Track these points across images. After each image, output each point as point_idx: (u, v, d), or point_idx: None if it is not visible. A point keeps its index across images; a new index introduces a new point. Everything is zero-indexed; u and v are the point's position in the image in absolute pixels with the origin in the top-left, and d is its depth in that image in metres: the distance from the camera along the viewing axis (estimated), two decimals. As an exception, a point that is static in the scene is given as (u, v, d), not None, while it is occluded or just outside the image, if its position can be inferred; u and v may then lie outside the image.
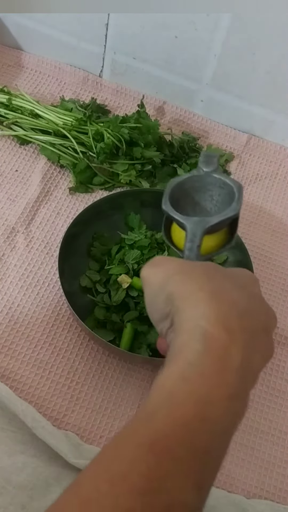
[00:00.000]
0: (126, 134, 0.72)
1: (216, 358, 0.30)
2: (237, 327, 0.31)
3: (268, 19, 0.68)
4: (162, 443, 0.28)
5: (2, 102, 0.74)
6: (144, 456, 0.27)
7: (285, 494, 0.57)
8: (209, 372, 0.30)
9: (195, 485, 0.28)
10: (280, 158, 0.83)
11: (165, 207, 0.44)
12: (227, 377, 0.30)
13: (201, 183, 0.46)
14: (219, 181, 0.45)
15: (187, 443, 0.28)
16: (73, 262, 0.63)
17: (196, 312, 0.32)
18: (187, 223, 0.42)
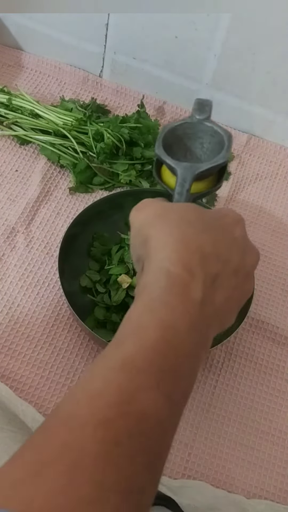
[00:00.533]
0: (126, 134, 0.72)
1: (178, 292, 0.34)
2: (198, 269, 0.34)
3: (268, 19, 0.68)
4: (131, 363, 0.31)
5: (2, 102, 0.74)
6: (116, 375, 0.30)
7: (285, 494, 0.57)
8: (172, 303, 0.33)
9: (165, 398, 0.30)
10: (280, 158, 0.83)
11: (157, 151, 0.45)
12: (189, 308, 0.33)
13: (193, 130, 0.47)
14: (211, 129, 0.46)
15: (154, 362, 0.31)
16: (73, 262, 0.63)
17: (162, 255, 0.35)
18: (178, 168, 0.43)
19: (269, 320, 0.67)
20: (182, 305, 0.33)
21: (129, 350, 0.31)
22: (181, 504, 0.52)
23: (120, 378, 0.30)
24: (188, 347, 0.33)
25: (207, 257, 0.35)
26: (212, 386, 0.62)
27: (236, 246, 0.39)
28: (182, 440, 0.59)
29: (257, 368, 0.64)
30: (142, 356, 0.31)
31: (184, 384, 0.33)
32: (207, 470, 0.57)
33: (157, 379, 0.30)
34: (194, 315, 0.33)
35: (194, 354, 0.33)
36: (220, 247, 0.37)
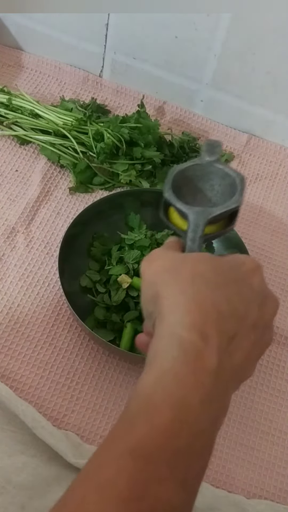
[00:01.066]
0: (126, 134, 0.72)
1: (190, 362, 0.31)
2: (213, 332, 0.32)
3: (268, 19, 0.68)
4: (142, 450, 0.28)
5: (2, 102, 0.74)
6: (127, 464, 0.28)
7: (285, 494, 0.57)
8: (184, 376, 0.31)
9: (179, 485, 0.28)
10: (280, 158, 0.83)
11: (167, 195, 0.43)
12: (202, 380, 0.31)
13: (203, 172, 0.46)
14: (221, 171, 0.45)
15: (166, 447, 0.29)
16: (73, 262, 0.63)
17: (174, 318, 0.33)
18: (190, 213, 0.41)
19: (269, 320, 0.67)
20: (195, 377, 0.31)
21: (140, 433, 0.29)
22: (181, 504, 0.52)
23: (131, 467, 0.28)
24: (203, 423, 0.30)
25: (222, 317, 0.33)
26: (212, 386, 0.62)
27: (254, 298, 0.36)
28: (182, 440, 0.58)
29: (257, 368, 0.64)
30: (154, 441, 0.29)
31: (200, 461, 0.31)
32: (207, 470, 0.57)
33: (171, 465, 0.28)
34: (209, 385, 0.31)
35: (210, 427, 0.31)
36: (237, 302, 0.34)
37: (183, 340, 0.32)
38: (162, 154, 0.74)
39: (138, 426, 0.30)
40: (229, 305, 0.34)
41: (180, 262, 0.37)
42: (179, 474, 0.29)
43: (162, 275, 0.36)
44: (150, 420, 0.29)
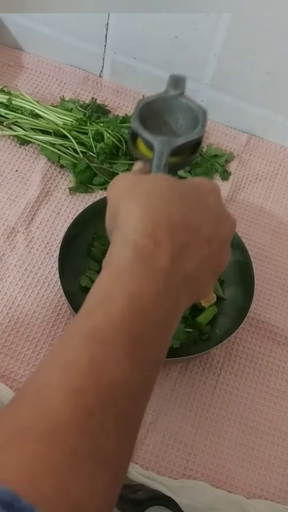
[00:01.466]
0: (126, 134, 0.72)
1: (144, 261, 0.34)
2: (164, 239, 0.35)
3: (268, 19, 0.68)
4: (100, 332, 0.31)
5: (2, 102, 0.74)
6: (87, 346, 0.31)
7: (285, 494, 0.57)
8: (139, 272, 0.34)
9: (135, 366, 0.31)
10: (280, 158, 0.83)
11: (134, 124, 0.45)
12: (155, 277, 0.34)
13: (168, 105, 0.47)
14: (185, 105, 0.47)
15: (123, 331, 0.31)
16: (73, 262, 0.63)
17: (128, 227, 0.36)
18: (155, 141, 0.43)
19: (269, 320, 0.67)
20: (149, 274, 0.34)
21: (98, 320, 0.32)
22: (181, 504, 0.53)
23: (91, 348, 0.31)
24: (156, 315, 0.33)
25: (175, 227, 0.36)
26: (212, 386, 0.62)
27: (209, 215, 0.39)
28: (182, 440, 0.59)
29: (257, 368, 0.64)
30: (110, 326, 0.31)
31: (155, 351, 0.33)
32: (207, 470, 0.57)
33: (126, 348, 0.31)
34: (162, 283, 0.34)
35: (163, 321, 0.34)
36: (191, 216, 0.37)
37: (136, 243, 0.35)
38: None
39: (96, 314, 0.32)
40: (183, 219, 0.36)
41: (140, 181, 0.40)
42: (135, 356, 0.31)
43: (123, 193, 0.39)
44: (107, 308, 0.32)
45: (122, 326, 0.32)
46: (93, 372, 0.30)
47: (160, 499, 0.53)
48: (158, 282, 0.34)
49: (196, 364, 0.63)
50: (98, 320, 0.32)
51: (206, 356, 0.64)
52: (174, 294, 0.35)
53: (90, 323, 0.32)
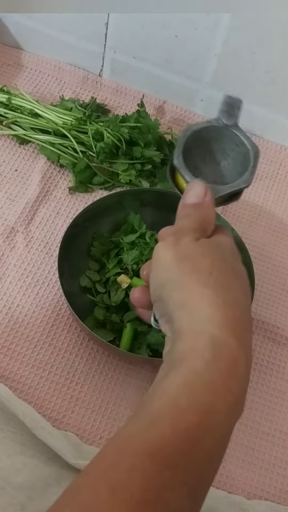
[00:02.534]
0: (126, 133, 0.72)
1: (225, 367, 0.30)
2: (242, 331, 0.30)
3: (268, 19, 0.68)
4: (162, 452, 0.27)
5: (2, 101, 0.74)
6: (144, 465, 0.27)
7: (285, 494, 0.57)
8: (216, 382, 0.29)
9: (190, 494, 0.27)
10: (281, 158, 0.82)
11: (177, 163, 0.41)
12: (232, 387, 0.29)
13: (217, 134, 0.43)
14: (237, 138, 0.42)
15: (188, 453, 0.27)
16: (72, 262, 0.63)
17: (202, 313, 0.31)
18: None
19: (269, 320, 0.67)
20: (226, 383, 0.29)
21: (161, 436, 0.28)
22: (181, 505, 0.52)
23: (148, 469, 0.27)
24: (224, 430, 0.29)
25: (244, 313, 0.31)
26: (212, 387, 0.62)
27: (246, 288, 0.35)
28: (182, 441, 0.58)
29: (257, 368, 0.64)
30: (175, 445, 0.27)
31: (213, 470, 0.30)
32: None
33: (187, 473, 0.27)
34: (237, 392, 0.30)
35: (229, 433, 0.30)
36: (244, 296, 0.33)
37: (216, 340, 0.30)
38: (162, 153, 0.74)
39: (160, 427, 0.28)
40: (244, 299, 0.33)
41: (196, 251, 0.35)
42: (193, 483, 0.28)
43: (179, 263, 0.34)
44: (174, 423, 0.28)
45: (187, 448, 0.27)
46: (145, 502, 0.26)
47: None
48: (233, 393, 0.29)
49: (196, 364, 0.63)
50: (162, 433, 0.28)
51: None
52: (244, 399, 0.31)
53: (151, 436, 0.28)
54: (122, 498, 0.26)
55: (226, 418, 0.29)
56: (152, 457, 0.27)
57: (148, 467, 0.27)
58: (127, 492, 0.26)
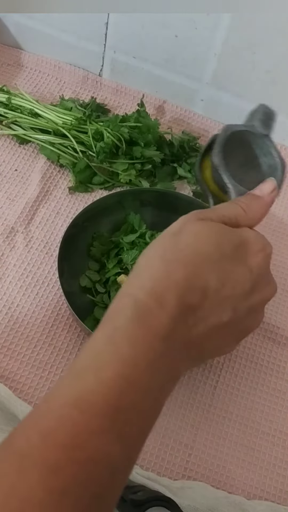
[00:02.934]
0: (126, 133, 0.72)
1: (143, 324, 0.32)
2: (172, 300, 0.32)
3: (268, 19, 0.67)
4: (88, 402, 0.29)
5: (2, 101, 0.74)
6: (70, 413, 0.29)
7: (285, 495, 0.57)
8: (136, 337, 0.31)
9: (118, 439, 0.30)
10: (281, 158, 0.82)
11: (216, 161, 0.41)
12: (153, 344, 0.31)
13: (249, 140, 0.44)
14: (266, 148, 0.43)
15: (110, 401, 0.30)
16: (72, 262, 0.63)
17: (138, 281, 0.34)
18: (233, 191, 0.41)
19: (270, 321, 0.67)
20: (146, 340, 0.31)
21: (86, 386, 0.30)
22: (181, 505, 0.52)
23: (75, 417, 0.29)
24: (148, 384, 0.31)
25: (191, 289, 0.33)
26: (212, 387, 0.62)
27: (244, 279, 0.36)
28: (182, 441, 0.58)
29: (257, 368, 0.64)
30: (98, 394, 0.30)
31: (142, 421, 0.32)
32: (207, 471, 0.57)
33: (112, 419, 0.29)
34: (159, 351, 0.32)
35: (155, 389, 0.32)
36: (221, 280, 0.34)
37: (139, 301, 0.32)
38: (162, 153, 0.74)
39: (84, 378, 0.30)
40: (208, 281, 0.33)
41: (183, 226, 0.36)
42: (120, 429, 0.30)
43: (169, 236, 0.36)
44: (97, 374, 0.30)
45: (110, 395, 0.30)
46: (72, 445, 0.28)
47: (160, 500, 0.53)
48: (155, 350, 0.31)
49: (196, 364, 0.63)
50: (86, 385, 0.30)
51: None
52: (171, 360, 0.33)
53: (77, 387, 0.30)
54: (52, 443, 0.28)
55: (150, 373, 0.31)
56: (79, 406, 0.29)
57: (75, 416, 0.29)
58: (57, 438, 0.28)
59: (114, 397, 0.30)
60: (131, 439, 0.31)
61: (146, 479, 0.54)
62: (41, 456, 0.28)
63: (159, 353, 0.32)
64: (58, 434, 0.28)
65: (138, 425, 0.31)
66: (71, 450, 0.28)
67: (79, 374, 0.31)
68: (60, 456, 0.28)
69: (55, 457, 0.28)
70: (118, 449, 0.30)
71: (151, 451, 0.57)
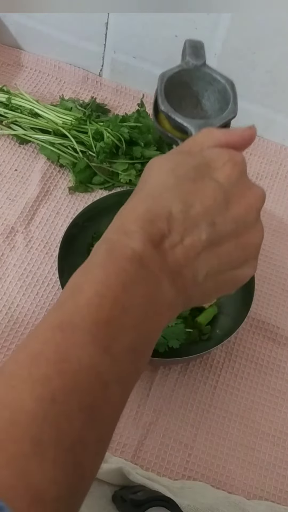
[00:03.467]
0: (126, 133, 0.72)
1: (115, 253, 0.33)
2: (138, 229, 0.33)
3: (268, 19, 0.67)
4: (68, 322, 0.31)
5: (2, 101, 0.74)
6: (54, 334, 0.31)
7: (285, 495, 0.57)
8: (107, 263, 0.33)
9: (105, 351, 0.31)
10: (281, 158, 0.82)
11: (164, 107, 0.42)
12: (124, 266, 0.33)
13: (189, 77, 0.44)
14: (209, 76, 0.44)
15: (88, 317, 0.31)
16: (73, 262, 0.63)
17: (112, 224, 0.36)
18: (192, 127, 0.41)
19: (270, 320, 0.67)
20: (117, 263, 0.33)
21: (66, 310, 0.32)
22: (181, 505, 0.52)
23: (58, 337, 0.31)
24: (127, 301, 0.32)
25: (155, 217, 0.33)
26: (212, 387, 0.62)
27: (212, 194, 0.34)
28: (182, 441, 0.58)
29: (257, 368, 0.64)
30: (77, 314, 0.31)
31: (128, 338, 0.32)
32: (207, 471, 0.57)
33: (92, 333, 0.31)
34: (131, 272, 0.33)
35: (137, 307, 0.33)
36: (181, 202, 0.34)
37: (108, 239, 0.35)
38: (162, 153, 0.74)
39: (65, 305, 0.33)
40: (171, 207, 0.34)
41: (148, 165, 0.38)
42: (102, 341, 0.31)
43: None
44: (75, 299, 0.32)
45: (88, 312, 0.31)
46: (58, 360, 0.30)
47: (160, 500, 0.53)
48: (127, 271, 0.33)
49: (196, 364, 0.63)
50: (67, 310, 0.32)
51: (206, 356, 0.63)
52: (154, 287, 0.33)
53: (59, 314, 0.32)
54: (39, 360, 0.30)
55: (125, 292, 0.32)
56: (61, 327, 0.31)
57: (58, 335, 0.31)
58: (43, 356, 0.30)
59: (91, 313, 0.31)
60: (120, 355, 0.32)
61: (146, 479, 0.54)
62: (30, 372, 0.29)
63: (132, 275, 0.33)
64: (44, 352, 0.30)
65: (124, 342, 0.32)
66: (58, 363, 0.29)
67: (60, 304, 0.33)
68: (48, 370, 0.29)
69: (43, 371, 0.29)
70: (106, 362, 0.31)
71: (151, 451, 0.57)
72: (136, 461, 0.56)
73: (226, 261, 0.35)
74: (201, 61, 0.44)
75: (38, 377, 0.29)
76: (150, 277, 0.33)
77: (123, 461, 0.55)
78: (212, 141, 0.37)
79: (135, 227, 0.34)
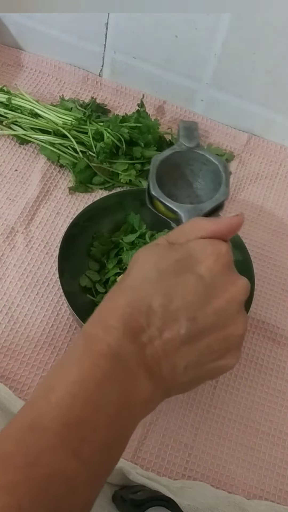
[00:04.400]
0: (126, 133, 0.72)
1: (89, 348, 0.33)
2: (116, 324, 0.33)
3: (268, 19, 0.68)
4: (38, 423, 0.31)
5: (2, 101, 0.74)
6: (25, 436, 0.30)
7: (285, 495, 0.57)
8: (82, 359, 0.33)
9: (74, 455, 0.30)
10: (281, 158, 0.82)
11: (154, 193, 0.43)
12: (98, 362, 0.32)
13: (183, 158, 0.45)
14: (202, 157, 0.45)
15: (59, 418, 0.31)
16: (73, 262, 0.63)
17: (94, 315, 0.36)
18: (181, 211, 0.42)
19: (270, 320, 0.67)
20: (91, 360, 0.32)
21: (38, 409, 0.31)
22: (181, 505, 0.52)
23: (28, 438, 0.30)
24: (98, 400, 0.31)
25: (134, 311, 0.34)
26: (212, 387, 0.62)
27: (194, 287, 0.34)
28: (182, 441, 0.58)
29: (257, 368, 0.64)
30: (48, 414, 0.31)
31: (101, 440, 0.31)
32: (207, 470, 0.57)
33: (62, 436, 0.30)
34: (105, 368, 0.32)
35: (109, 406, 0.32)
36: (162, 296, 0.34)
37: (87, 333, 0.34)
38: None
39: (37, 404, 0.32)
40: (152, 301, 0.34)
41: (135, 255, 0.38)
42: (71, 444, 0.30)
43: None
44: (47, 398, 0.32)
45: (59, 413, 0.31)
46: (27, 463, 0.29)
47: (160, 500, 0.53)
48: (101, 368, 0.32)
49: (196, 364, 0.63)
50: (39, 409, 0.31)
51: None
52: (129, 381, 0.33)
53: (31, 413, 0.32)
54: (8, 465, 0.29)
55: (98, 390, 0.32)
56: (32, 428, 0.31)
57: (28, 437, 0.30)
58: (13, 459, 0.30)
59: (61, 414, 0.31)
60: (91, 457, 0.31)
61: (146, 479, 0.54)
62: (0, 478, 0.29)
63: (106, 371, 0.32)
64: (14, 456, 0.30)
65: (95, 443, 0.31)
66: (26, 468, 0.29)
67: (33, 402, 0.33)
68: (16, 475, 0.29)
69: (12, 477, 0.29)
70: (75, 466, 0.30)
71: (151, 451, 0.57)
72: (136, 460, 0.57)
73: (206, 353, 0.35)
74: (194, 143, 0.45)
75: (5, 483, 0.28)
76: (126, 372, 0.33)
77: (123, 460, 0.55)
78: (199, 232, 0.37)
79: (114, 321, 0.34)
